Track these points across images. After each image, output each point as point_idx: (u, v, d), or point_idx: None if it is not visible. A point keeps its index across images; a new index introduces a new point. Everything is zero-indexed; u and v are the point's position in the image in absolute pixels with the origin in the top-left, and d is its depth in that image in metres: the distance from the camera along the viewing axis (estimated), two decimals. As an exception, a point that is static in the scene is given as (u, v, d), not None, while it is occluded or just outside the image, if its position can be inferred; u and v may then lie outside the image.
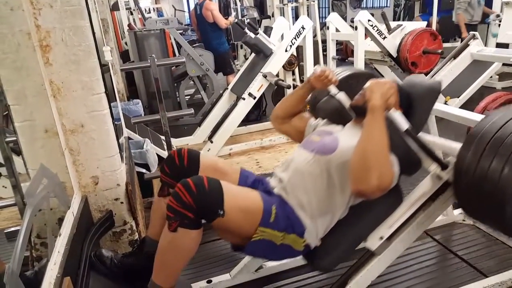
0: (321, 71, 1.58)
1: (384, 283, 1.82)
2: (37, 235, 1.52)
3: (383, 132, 1.27)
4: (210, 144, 3.65)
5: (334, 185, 1.40)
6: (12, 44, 1.31)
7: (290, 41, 3.67)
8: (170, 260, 1.31)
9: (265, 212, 1.34)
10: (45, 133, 1.42)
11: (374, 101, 1.30)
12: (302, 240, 1.40)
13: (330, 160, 1.41)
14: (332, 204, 1.41)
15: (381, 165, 1.22)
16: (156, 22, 4.64)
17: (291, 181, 1.46)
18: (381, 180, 1.20)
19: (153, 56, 2.22)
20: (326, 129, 1.62)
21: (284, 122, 1.77)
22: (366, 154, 1.23)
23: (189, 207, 1.22)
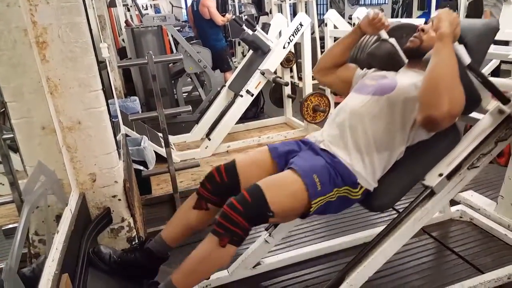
0: (375, 14, 1.56)
1: (381, 279, 1.83)
2: (35, 232, 1.52)
3: (453, 58, 1.27)
4: (207, 142, 3.65)
5: (394, 123, 1.41)
6: (8, 40, 1.30)
7: (288, 38, 3.66)
8: (202, 270, 1.36)
9: (309, 186, 1.34)
10: (42, 130, 1.41)
11: (444, 28, 1.29)
12: (356, 189, 1.42)
13: (390, 98, 1.42)
14: (391, 142, 1.42)
15: (452, 90, 1.22)
16: (154, 19, 4.63)
17: (347, 124, 1.46)
18: (452, 105, 1.21)
19: (150, 53, 2.21)
20: (379, 74, 1.59)
21: (329, 72, 1.74)
22: (437, 80, 1.23)
23: (239, 224, 1.27)
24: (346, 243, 2.12)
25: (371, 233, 2.10)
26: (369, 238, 1.99)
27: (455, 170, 1.43)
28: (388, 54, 1.55)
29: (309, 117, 3.79)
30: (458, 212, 2.30)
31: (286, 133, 4.05)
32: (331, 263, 2.01)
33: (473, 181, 1.75)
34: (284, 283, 1.90)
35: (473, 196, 2.39)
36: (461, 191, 2.18)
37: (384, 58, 1.60)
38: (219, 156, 3.64)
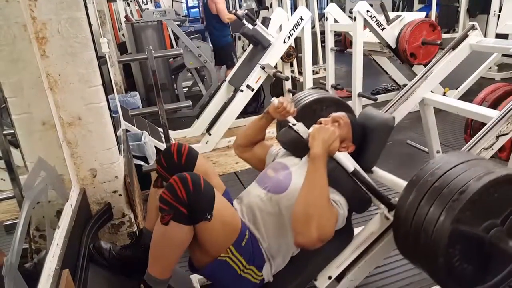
0: (279, 103, 1.58)
1: (380, 274, 1.84)
2: (35, 228, 1.52)
3: (323, 182, 1.28)
4: (208, 137, 3.65)
5: (285, 225, 1.41)
6: (8, 36, 1.29)
7: (289, 32, 3.65)
8: (164, 252, 1.32)
9: (241, 233, 1.36)
10: (43, 126, 1.41)
11: (315, 148, 1.31)
12: (259, 274, 1.41)
13: (280, 200, 1.43)
14: (284, 240, 1.43)
15: (321, 216, 1.24)
16: (153, 14, 4.61)
17: (247, 215, 1.47)
18: (321, 231, 1.23)
19: (150, 48, 2.21)
20: (282, 161, 1.62)
21: (246, 150, 1.80)
22: (306, 207, 1.25)
23: (183, 202, 1.22)
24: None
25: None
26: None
27: (342, 274, 1.47)
28: (293, 140, 1.57)
29: (310, 111, 3.78)
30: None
31: (287, 128, 4.04)
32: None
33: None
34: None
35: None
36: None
37: (290, 144, 1.64)
38: (220, 151, 3.64)
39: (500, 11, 4.72)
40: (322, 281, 1.47)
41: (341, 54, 5.16)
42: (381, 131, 1.64)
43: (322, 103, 1.90)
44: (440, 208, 1.16)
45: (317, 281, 1.48)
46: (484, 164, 1.24)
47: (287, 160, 1.62)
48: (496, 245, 1.18)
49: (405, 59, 3.90)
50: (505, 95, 2.12)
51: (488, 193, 1.15)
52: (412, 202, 1.26)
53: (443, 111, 2.14)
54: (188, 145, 1.57)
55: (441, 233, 1.14)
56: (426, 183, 1.25)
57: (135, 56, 3.76)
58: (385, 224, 1.47)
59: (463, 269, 1.21)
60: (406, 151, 3.37)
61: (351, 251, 1.49)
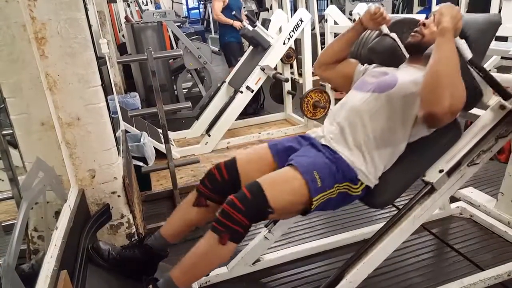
0: (376, 8, 1.55)
1: (380, 276, 1.83)
2: (34, 228, 1.52)
3: (454, 53, 1.26)
4: (207, 138, 3.64)
5: (395, 120, 1.41)
6: (7, 36, 1.29)
7: (288, 34, 3.65)
8: (202, 267, 1.35)
9: (310, 182, 1.34)
10: (42, 126, 1.41)
11: (445, 23, 1.29)
12: (356, 186, 1.41)
13: (390, 95, 1.42)
14: (392, 139, 1.42)
15: (453, 86, 1.22)
16: (154, 15, 4.60)
17: (347, 121, 1.46)
18: (453, 101, 1.21)
19: (150, 49, 2.20)
20: (379, 70, 1.58)
21: (330, 68, 1.72)
22: (438, 75, 1.23)
23: (239, 222, 1.27)
24: (345, 240, 2.11)
25: (371, 230, 2.10)
26: (368, 235, 2.00)
27: (455, 166, 1.43)
28: (389, 49, 1.54)
29: (309, 113, 3.79)
30: (458, 209, 2.30)
31: (286, 129, 4.04)
32: (330, 259, 2.01)
33: (473, 178, 1.75)
34: (283, 280, 1.90)
35: (473, 193, 2.38)
36: (461, 187, 2.18)
37: (385, 53, 1.59)
38: (219, 152, 3.64)
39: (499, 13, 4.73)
40: (433, 175, 1.44)
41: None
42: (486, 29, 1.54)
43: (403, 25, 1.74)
44: None
45: (425, 176, 1.45)
46: None
47: (383, 69, 1.57)
48: None
49: (405, 61, 3.90)
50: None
51: None
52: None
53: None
54: (224, 161, 1.55)
55: None
56: None
57: (134, 57, 3.75)
58: (500, 114, 1.43)
59: None
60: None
61: (463, 144, 1.44)
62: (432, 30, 1.43)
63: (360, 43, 1.80)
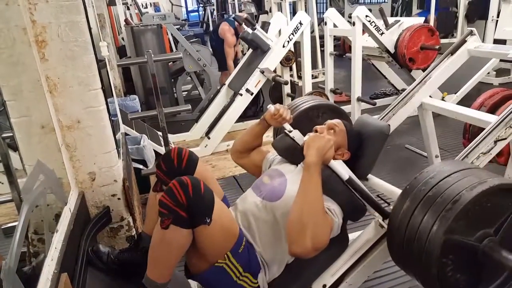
0: (275, 110, 1.59)
1: (380, 278, 1.83)
2: (34, 231, 1.52)
3: (318, 190, 1.28)
4: (207, 140, 3.65)
5: (280, 233, 1.41)
6: (7, 39, 1.30)
7: (288, 37, 3.66)
8: (163, 256, 1.31)
9: (239, 239, 1.36)
10: (42, 129, 1.41)
11: (310, 157, 1.31)
12: (255, 281, 1.41)
13: (275, 207, 1.43)
14: (279, 250, 1.42)
15: (315, 226, 1.23)
16: (153, 17, 4.62)
17: (242, 222, 1.47)
18: (315, 240, 1.22)
19: (149, 52, 2.21)
20: (278, 168, 1.62)
21: (243, 156, 1.80)
22: (300, 216, 1.24)
23: (182, 206, 1.22)
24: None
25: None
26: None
27: (337, 282, 1.46)
28: (289, 147, 1.57)
29: (309, 116, 3.79)
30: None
31: (286, 132, 4.04)
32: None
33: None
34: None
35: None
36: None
37: (285, 151, 1.64)
38: (219, 155, 3.64)
39: (498, 16, 4.74)
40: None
41: (340, 59, 5.18)
42: (376, 139, 1.64)
43: (318, 110, 1.91)
44: (434, 218, 1.16)
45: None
46: (477, 173, 1.24)
47: (282, 167, 1.61)
48: (489, 255, 1.17)
49: (404, 64, 3.91)
50: (503, 100, 2.13)
51: (481, 203, 1.15)
52: (405, 211, 1.26)
53: (442, 116, 2.14)
54: (189, 150, 1.57)
55: (434, 243, 1.14)
56: (419, 192, 1.25)
57: (134, 59, 3.76)
58: (380, 232, 1.47)
59: (456, 279, 1.21)
60: (405, 155, 3.38)
61: (346, 259, 1.48)
62: None
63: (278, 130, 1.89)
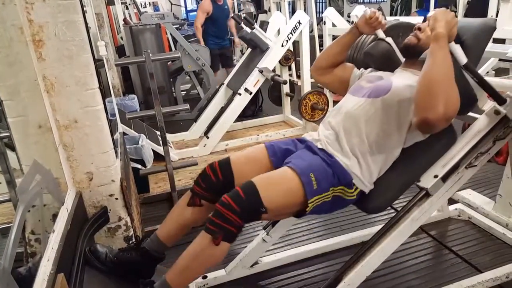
0: (372, 13, 1.55)
1: (379, 278, 1.83)
2: (31, 231, 1.51)
3: (448, 59, 1.26)
4: (206, 140, 3.64)
5: (390, 125, 1.41)
6: (4, 38, 1.29)
7: (287, 36, 3.65)
8: (196, 268, 1.35)
9: (305, 184, 1.34)
10: (39, 129, 1.41)
11: (440, 29, 1.28)
12: (351, 190, 1.41)
13: (385, 100, 1.41)
14: (387, 144, 1.42)
15: (447, 92, 1.21)
16: (152, 17, 4.61)
17: (342, 126, 1.45)
18: (448, 107, 1.20)
19: (148, 51, 2.20)
20: (375, 74, 1.58)
21: (326, 72, 1.73)
22: (432, 82, 1.22)
23: (232, 222, 1.27)
24: (344, 242, 2.11)
25: (369, 232, 2.09)
26: (367, 237, 2.00)
27: (450, 171, 1.43)
28: (385, 53, 1.54)
29: (308, 115, 3.79)
30: (457, 211, 2.30)
31: (285, 131, 4.04)
32: (329, 262, 2.01)
33: (471, 180, 1.75)
34: (281, 283, 1.90)
35: (471, 195, 2.39)
36: (459, 189, 2.18)
37: (381, 57, 1.59)
38: (218, 154, 3.63)
39: (497, 16, 4.74)
40: (427, 180, 1.43)
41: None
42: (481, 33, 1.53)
43: (398, 29, 1.76)
44: None
45: (420, 182, 1.45)
46: None
47: (378, 73, 1.57)
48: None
49: (403, 63, 3.90)
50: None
51: None
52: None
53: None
54: (218, 161, 1.56)
55: None
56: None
57: (132, 59, 3.74)
58: (495, 119, 1.43)
59: None
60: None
61: (457, 150, 1.44)
62: (428, 34, 1.42)
63: (356, 47, 1.80)
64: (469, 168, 1.44)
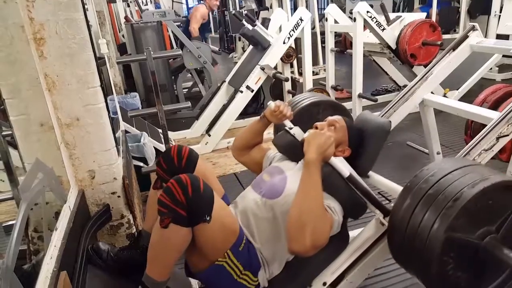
0: (276, 106, 1.58)
1: (381, 276, 1.83)
2: (34, 229, 1.52)
3: (317, 188, 1.27)
4: (207, 138, 3.64)
5: (280, 230, 1.41)
6: (5, 37, 1.29)
7: (288, 33, 3.64)
8: (162, 255, 1.31)
9: (239, 238, 1.35)
10: (41, 127, 1.41)
11: (310, 154, 1.29)
12: (255, 279, 1.40)
13: (275, 205, 1.42)
14: (279, 248, 1.42)
15: (314, 224, 1.22)
16: (153, 14, 4.60)
17: (241, 221, 1.46)
18: (315, 238, 1.21)
19: (149, 49, 2.20)
20: (279, 165, 1.61)
21: (243, 153, 1.79)
22: (300, 214, 1.23)
23: (181, 204, 1.21)
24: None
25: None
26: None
27: (338, 279, 1.46)
28: (289, 144, 1.56)
29: (310, 112, 3.78)
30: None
31: (287, 128, 4.03)
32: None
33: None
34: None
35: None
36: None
37: (285, 148, 1.63)
38: (219, 152, 3.63)
39: (500, 12, 4.71)
40: (317, 287, 1.46)
41: (341, 55, 5.15)
42: (377, 136, 1.62)
43: (319, 106, 1.90)
44: (434, 215, 1.15)
45: (311, 287, 1.47)
46: (479, 170, 1.23)
47: (283, 165, 1.61)
48: (491, 253, 1.16)
49: (405, 60, 3.89)
50: (506, 96, 2.11)
51: (482, 200, 1.14)
52: (406, 209, 1.25)
53: (444, 112, 2.13)
54: (189, 148, 1.56)
55: (435, 241, 1.13)
56: (420, 189, 1.24)
57: (134, 57, 3.75)
58: (381, 230, 1.46)
59: (457, 277, 1.20)
60: (406, 152, 3.36)
61: (346, 257, 1.47)
62: None
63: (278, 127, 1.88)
64: None
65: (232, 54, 8.26)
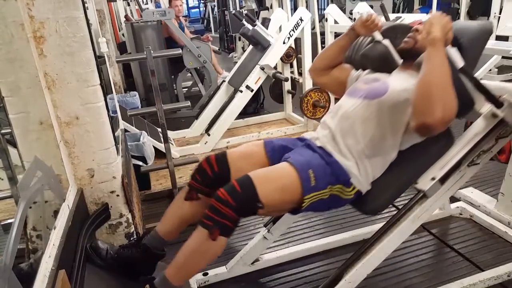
0: (369, 15, 1.56)
1: (380, 276, 1.83)
2: (33, 228, 1.51)
3: (445, 64, 1.25)
4: (207, 137, 3.64)
5: (385, 127, 1.40)
6: (5, 35, 1.29)
7: (288, 33, 3.64)
8: (195, 263, 1.34)
9: (303, 180, 1.34)
10: (40, 125, 1.41)
11: (436, 33, 1.27)
12: (349, 189, 1.41)
13: (381, 102, 1.41)
14: (383, 146, 1.42)
15: (444, 97, 1.21)
16: (153, 13, 4.59)
17: (338, 127, 1.46)
18: (445, 111, 1.20)
19: (149, 48, 2.20)
20: (372, 76, 1.59)
21: (324, 73, 1.73)
22: (430, 86, 1.22)
23: (227, 216, 1.26)
24: (345, 240, 2.11)
25: (370, 230, 2.09)
26: (368, 235, 2.00)
27: (447, 174, 1.43)
28: (381, 55, 1.54)
29: (309, 112, 3.78)
30: (458, 209, 2.29)
31: (286, 128, 4.03)
32: (330, 259, 2.01)
33: (473, 178, 1.75)
34: (282, 280, 1.90)
35: (473, 193, 2.38)
36: (461, 188, 2.18)
37: (378, 59, 1.59)
38: (219, 151, 3.62)
39: (500, 13, 4.72)
40: (424, 182, 1.43)
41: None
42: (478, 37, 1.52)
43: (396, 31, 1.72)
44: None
45: (418, 184, 1.45)
46: None
47: (375, 75, 1.58)
48: None
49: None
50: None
51: None
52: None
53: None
54: (214, 154, 1.55)
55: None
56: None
57: (134, 56, 3.74)
58: (492, 122, 1.43)
59: None
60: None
61: (455, 152, 1.44)
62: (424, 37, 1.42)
63: (354, 49, 1.80)
64: (471, 166, 1.44)
65: (232, 54, 8.27)
